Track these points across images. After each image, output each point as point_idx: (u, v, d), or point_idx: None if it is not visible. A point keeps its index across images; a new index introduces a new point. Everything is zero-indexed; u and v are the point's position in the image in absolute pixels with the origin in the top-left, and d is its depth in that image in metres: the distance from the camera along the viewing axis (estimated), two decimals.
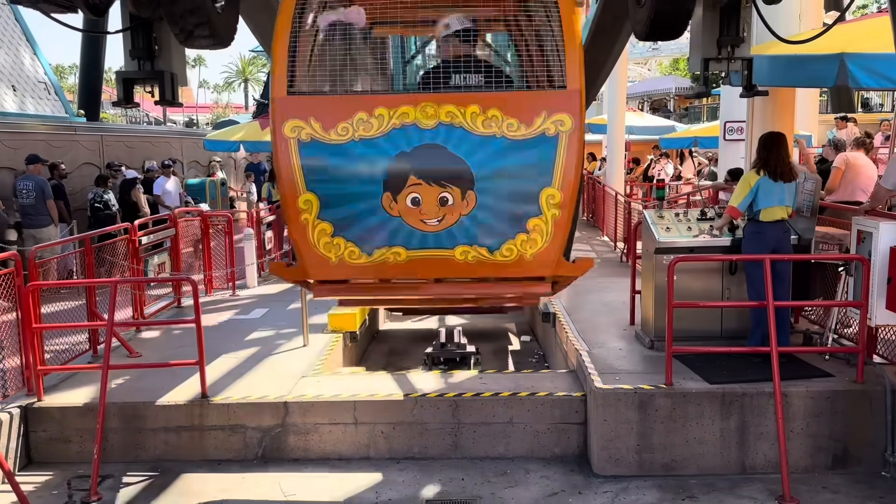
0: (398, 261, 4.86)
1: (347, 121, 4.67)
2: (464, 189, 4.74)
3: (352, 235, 4.85)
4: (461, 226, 4.77)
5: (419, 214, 4.78)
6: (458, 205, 4.74)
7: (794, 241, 6.43)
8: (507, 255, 4.80)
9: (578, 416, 6.00)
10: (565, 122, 4.60)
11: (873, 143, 8.44)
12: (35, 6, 5.13)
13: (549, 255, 4.80)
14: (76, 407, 6.03)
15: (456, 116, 4.67)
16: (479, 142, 4.66)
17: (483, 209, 4.73)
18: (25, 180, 10.93)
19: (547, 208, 4.70)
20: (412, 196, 4.74)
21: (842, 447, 5.63)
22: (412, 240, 4.83)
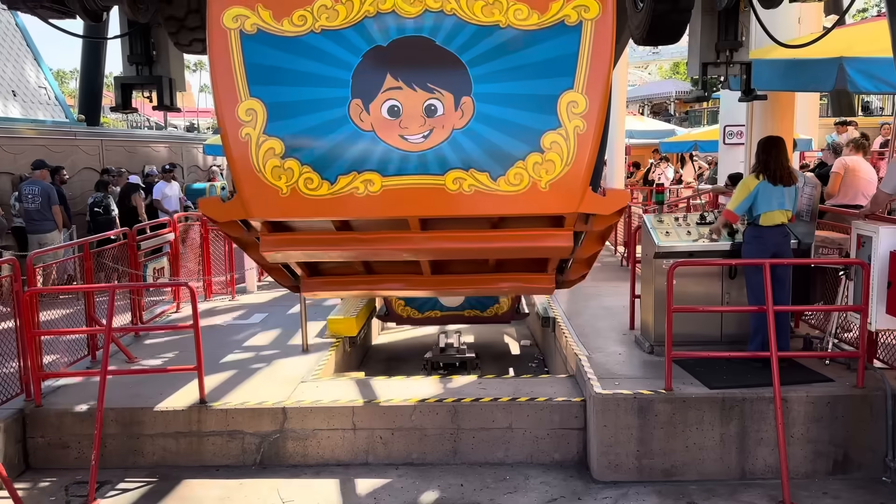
0: (370, 191, 3.84)
1: (306, 7, 3.69)
2: (458, 94, 3.76)
3: (309, 157, 3.83)
4: (454, 143, 3.80)
5: (398, 128, 3.79)
6: (450, 115, 3.77)
7: (794, 246, 6.42)
8: (516, 184, 3.81)
9: (578, 422, 5.98)
10: (590, 7, 3.65)
11: (870, 143, 8.40)
12: (33, 12, 5.15)
13: (572, 184, 3.79)
14: (74, 412, 6.02)
15: (447, 1, 3.67)
16: (477, 33, 3.70)
17: (483, 121, 3.78)
18: (31, 185, 10.94)
19: (568, 119, 3.71)
20: (389, 104, 3.77)
21: (842, 452, 5.61)
22: (389, 163, 3.83)
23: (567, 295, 9.43)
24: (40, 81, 17.76)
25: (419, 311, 8.68)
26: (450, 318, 8.93)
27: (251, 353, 7.54)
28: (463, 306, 8.60)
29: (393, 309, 8.71)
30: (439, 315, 8.73)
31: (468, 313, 8.69)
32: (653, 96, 46.26)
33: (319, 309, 9.19)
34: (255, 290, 10.77)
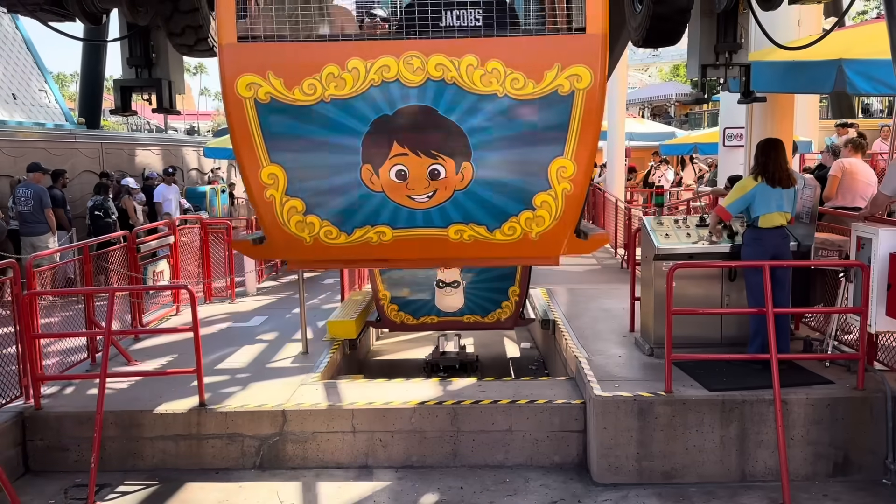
0: (383, 241, 4.29)
1: (314, 75, 3.89)
2: (458, 160, 4.05)
3: (327, 214, 4.20)
4: (455, 202, 4.14)
5: (405, 190, 4.13)
6: (452, 178, 4.08)
7: (794, 248, 6.42)
8: (509, 235, 4.22)
9: (578, 424, 5.97)
10: (583, 77, 3.83)
11: (867, 143, 8.36)
12: (33, 15, 5.15)
13: (559, 235, 4.22)
14: (74, 415, 6.01)
15: (448, 70, 3.86)
16: (476, 102, 3.91)
17: (481, 183, 4.08)
18: (24, 188, 10.96)
19: (557, 182, 4.02)
20: (397, 168, 4.08)
21: (842, 454, 5.60)
22: (398, 218, 4.22)
23: (567, 297, 9.44)
24: (40, 84, 17.78)
25: (413, 317, 8.25)
26: (447, 324, 8.43)
27: (251, 356, 7.54)
28: (462, 311, 8.08)
29: (385, 314, 8.28)
30: (436, 320, 8.29)
31: (467, 319, 8.25)
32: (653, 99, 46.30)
33: (319, 311, 9.19)
34: (255, 292, 10.77)
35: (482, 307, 8.21)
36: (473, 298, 8.05)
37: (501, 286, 7.93)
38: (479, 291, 8.08)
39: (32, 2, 5.00)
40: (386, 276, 7.55)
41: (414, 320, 8.25)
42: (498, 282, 7.90)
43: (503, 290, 7.99)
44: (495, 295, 8.06)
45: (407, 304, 8.19)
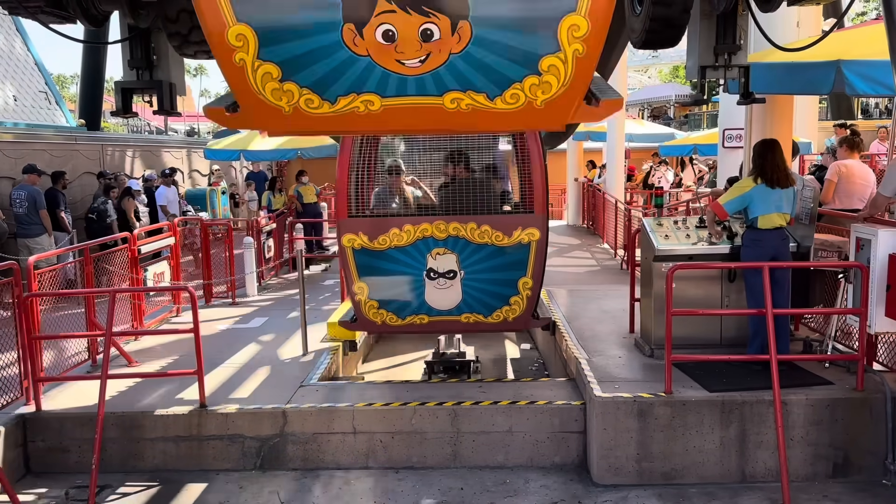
0: (371, 111, 3.95)
1: None
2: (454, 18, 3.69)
3: (307, 80, 3.88)
4: (452, 67, 3.79)
5: (394, 53, 3.75)
6: (447, 40, 3.73)
7: (793, 249, 6.42)
8: (512, 103, 3.88)
9: (578, 425, 5.98)
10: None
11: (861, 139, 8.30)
12: (34, 17, 5.16)
13: (567, 103, 3.89)
14: (74, 416, 6.02)
15: None
16: None
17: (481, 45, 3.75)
18: (19, 190, 11.02)
19: (568, 43, 3.68)
20: (383, 28, 3.70)
21: (842, 455, 5.61)
22: (387, 85, 3.85)
23: (567, 298, 9.45)
24: (41, 86, 17.80)
25: (398, 316, 6.85)
26: (441, 326, 7.15)
27: (251, 357, 7.55)
28: (459, 309, 6.80)
29: (363, 313, 6.82)
30: (426, 321, 6.86)
31: (466, 318, 6.81)
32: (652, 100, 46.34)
33: (319, 312, 9.21)
34: (256, 294, 10.78)
35: (485, 304, 6.77)
36: (474, 293, 6.72)
37: (509, 277, 6.71)
38: (482, 284, 6.68)
39: (34, 4, 5.00)
40: (362, 263, 6.70)
41: (399, 321, 6.87)
42: (505, 271, 6.68)
43: (512, 282, 6.72)
44: (502, 289, 6.73)
45: (390, 301, 6.80)
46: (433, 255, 6.56)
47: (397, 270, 6.58)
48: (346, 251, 6.48)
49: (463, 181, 6.69)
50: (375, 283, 6.62)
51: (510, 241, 6.44)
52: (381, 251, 6.48)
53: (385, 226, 6.46)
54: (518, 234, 6.41)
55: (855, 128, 8.73)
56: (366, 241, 6.44)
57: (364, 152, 6.65)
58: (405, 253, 6.50)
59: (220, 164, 22.41)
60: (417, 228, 6.44)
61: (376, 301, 6.75)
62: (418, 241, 6.46)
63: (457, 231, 6.42)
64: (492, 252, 6.49)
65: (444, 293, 6.76)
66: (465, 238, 6.44)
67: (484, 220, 6.43)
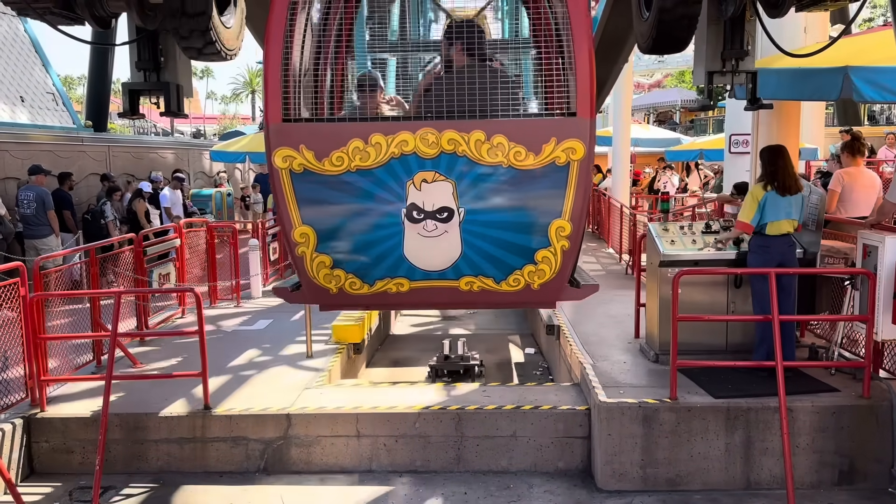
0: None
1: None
2: None
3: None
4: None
5: None
6: None
7: (800, 255, 6.40)
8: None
9: (582, 430, 5.97)
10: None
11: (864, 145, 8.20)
12: (43, 18, 5.18)
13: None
14: (79, 418, 6.03)
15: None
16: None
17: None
18: (27, 190, 11.03)
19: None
20: None
21: (848, 463, 5.58)
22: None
23: (572, 303, 9.41)
24: (48, 87, 17.86)
25: (363, 281, 4.79)
26: (429, 296, 4.87)
27: (256, 360, 7.55)
28: (458, 270, 4.69)
29: (310, 276, 4.78)
30: (406, 288, 4.75)
31: (468, 285, 4.71)
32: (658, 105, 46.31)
33: (324, 315, 9.18)
34: (260, 296, 10.79)
35: (497, 263, 4.70)
36: (481, 245, 4.65)
37: (535, 220, 4.61)
38: (492, 230, 4.62)
39: (42, 5, 5.02)
40: (306, 196, 4.59)
41: (365, 288, 4.78)
42: (528, 211, 4.60)
43: (539, 227, 4.61)
44: (523, 237, 4.65)
45: (350, 257, 4.74)
46: (417, 184, 4.49)
47: (361, 208, 4.54)
48: (279, 176, 4.46)
49: (465, 69, 4.51)
50: (327, 229, 4.59)
51: (537, 161, 4.36)
52: (335, 177, 4.44)
53: (342, 135, 4.42)
54: (550, 149, 4.36)
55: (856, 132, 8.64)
56: (311, 160, 4.42)
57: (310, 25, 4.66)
58: (373, 180, 4.44)
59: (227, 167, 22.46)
60: (393, 141, 4.41)
61: (329, 257, 4.67)
62: (393, 160, 4.43)
63: (454, 145, 4.40)
64: (509, 179, 4.42)
65: (435, 245, 4.65)
66: (467, 156, 4.40)
67: (497, 126, 4.36)
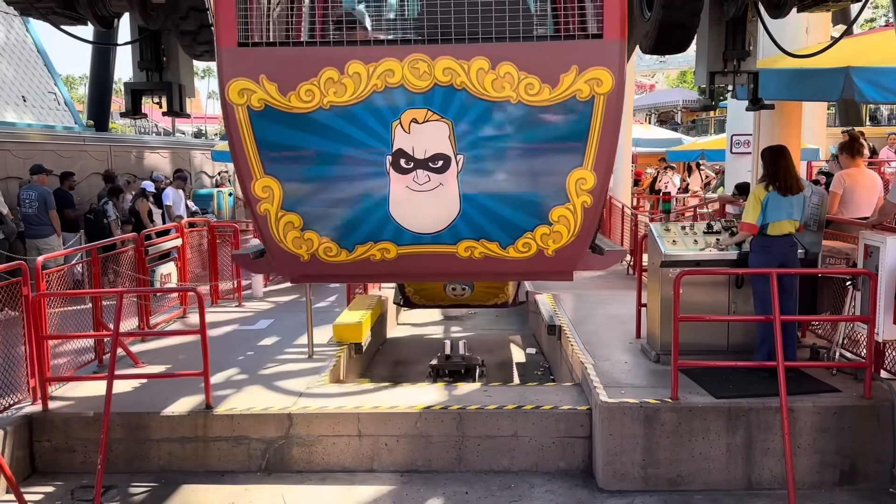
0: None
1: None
2: None
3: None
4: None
5: None
6: None
7: (801, 255, 6.40)
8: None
9: (583, 430, 5.97)
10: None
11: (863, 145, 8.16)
12: (45, 18, 5.20)
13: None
14: (81, 417, 6.04)
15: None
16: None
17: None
18: (29, 190, 11.03)
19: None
20: None
21: (849, 463, 5.58)
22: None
23: (573, 303, 9.44)
24: (50, 87, 17.87)
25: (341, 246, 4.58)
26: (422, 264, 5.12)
27: (257, 359, 7.56)
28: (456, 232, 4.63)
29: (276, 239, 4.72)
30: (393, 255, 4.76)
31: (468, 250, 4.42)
32: (660, 105, 46.28)
33: (325, 315, 9.20)
34: (262, 295, 10.80)
35: (503, 223, 4.10)
36: (483, 201, 4.02)
37: (550, 169, 3.97)
38: (498, 183, 4.05)
39: (45, 5, 5.04)
40: (268, 139, 3.90)
41: (343, 255, 4.21)
42: (542, 157, 3.95)
43: (555, 178, 3.97)
44: (535, 192, 4.03)
45: (324, 216, 4.16)
46: (405, 125, 3.77)
47: (336, 154, 3.82)
48: (235, 115, 3.68)
49: None
50: (295, 180, 3.88)
51: (554, 96, 3.58)
52: (303, 115, 3.68)
53: (312, 63, 3.67)
54: (570, 80, 3.56)
55: (854, 133, 8.61)
56: (274, 94, 3.65)
57: None
58: (351, 119, 3.70)
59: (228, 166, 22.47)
60: (375, 70, 3.62)
61: (298, 216, 4.01)
62: (376, 95, 3.65)
63: (450, 76, 3.60)
64: (518, 118, 3.70)
65: (427, 201, 3.99)
66: (467, 90, 3.61)
67: (503, 52, 3.59)
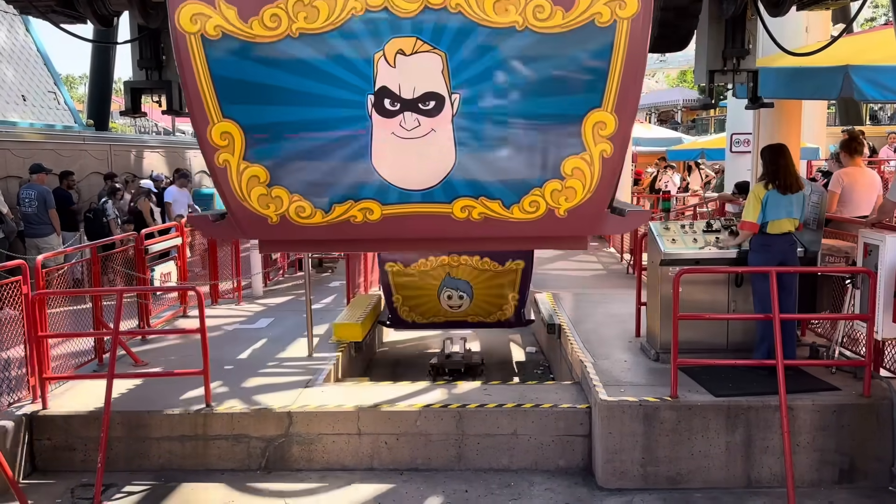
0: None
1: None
2: None
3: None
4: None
5: None
6: None
7: (801, 254, 6.41)
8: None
9: (583, 429, 5.97)
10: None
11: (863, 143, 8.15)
12: (45, 17, 5.21)
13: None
14: (81, 415, 6.04)
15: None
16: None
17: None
18: (28, 189, 11.03)
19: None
20: None
21: (848, 461, 5.59)
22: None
23: (573, 302, 9.44)
24: (50, 86, 17.86)
25: (315, 206, 3.96)
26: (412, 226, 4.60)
27: (257, 358, 7.56)
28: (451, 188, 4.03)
29: (238, 197, 4.23)
30: (377, 215, 4.07)
31: (465, 210, 3.79)
32: (660, 104, 46.28)
33: (325, 314, 9.21)
34: (262, 294, 10.80)
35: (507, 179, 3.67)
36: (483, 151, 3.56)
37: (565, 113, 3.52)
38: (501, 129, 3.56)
39: (44, 3, 5.04)
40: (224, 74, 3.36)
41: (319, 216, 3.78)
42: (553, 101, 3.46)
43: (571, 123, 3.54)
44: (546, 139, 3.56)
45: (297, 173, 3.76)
46: (390, 58, 3.26)
47: (308, 93, 3.30)
48: (186, 46, 3.21)
49: None
50: (259, 125, 3.35)
51: (568, 21, 3.08)
52: (268, 45, 3.17)
53: None
54: (587, 1, 3.09)
55: (854, 131, 8.61)
56: (233, 20, 3.16)
57: None
58: (325, 49, 3.18)
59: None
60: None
61: (264, 168, 3.52)
62: (354, 19, 3.15)
63: None
64: (525, 48, 3.17)
65: (417, 150, 3.49)
66: (463, 13, 3.10)
67: None
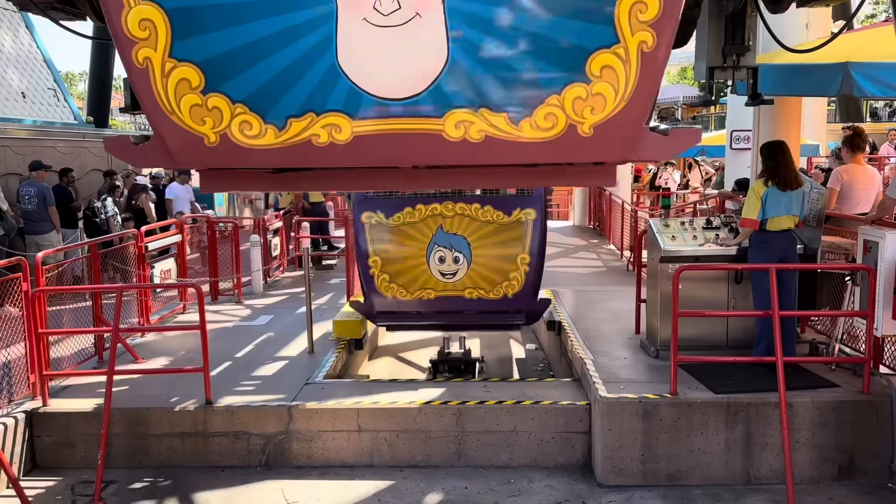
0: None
1: None
2: None
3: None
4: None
5: None
6: None
7: (800, 251, 6.41)
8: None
9: (583, 425, 5.98)
10: None
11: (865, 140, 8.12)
12: (44, 14, 5.19)
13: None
14: (81, 412, 6.05)
15: None
16: None
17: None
18: (28, 186, 11.04)
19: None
20: None
21: (848, 458, 5.60)
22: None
23: (572, 299, 9.44)
24: (50, 83, 17.85)
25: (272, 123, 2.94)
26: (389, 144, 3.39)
27: (257, 355, 7.57)
28: (442, 96, 2.96)
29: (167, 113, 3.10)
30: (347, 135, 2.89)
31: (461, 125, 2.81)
32: (660, 101, 46.27)
33: (325, 311, 9.23)
34: (262, 291, 10.81)
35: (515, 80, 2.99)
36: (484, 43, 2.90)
37: None
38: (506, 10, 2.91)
39: (44, 0, 5.03)
40: None
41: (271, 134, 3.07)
42: None
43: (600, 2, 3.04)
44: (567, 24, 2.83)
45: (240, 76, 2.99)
46: None
47: None
48: None
49: None
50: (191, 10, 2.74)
51: None
52: None
53: None
54: None
55: (858, 127, 8.61)
56: None
57: None
58: None
59: None
60: None
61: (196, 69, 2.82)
62: None
63: None
64: None
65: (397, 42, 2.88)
66: None
67: None
